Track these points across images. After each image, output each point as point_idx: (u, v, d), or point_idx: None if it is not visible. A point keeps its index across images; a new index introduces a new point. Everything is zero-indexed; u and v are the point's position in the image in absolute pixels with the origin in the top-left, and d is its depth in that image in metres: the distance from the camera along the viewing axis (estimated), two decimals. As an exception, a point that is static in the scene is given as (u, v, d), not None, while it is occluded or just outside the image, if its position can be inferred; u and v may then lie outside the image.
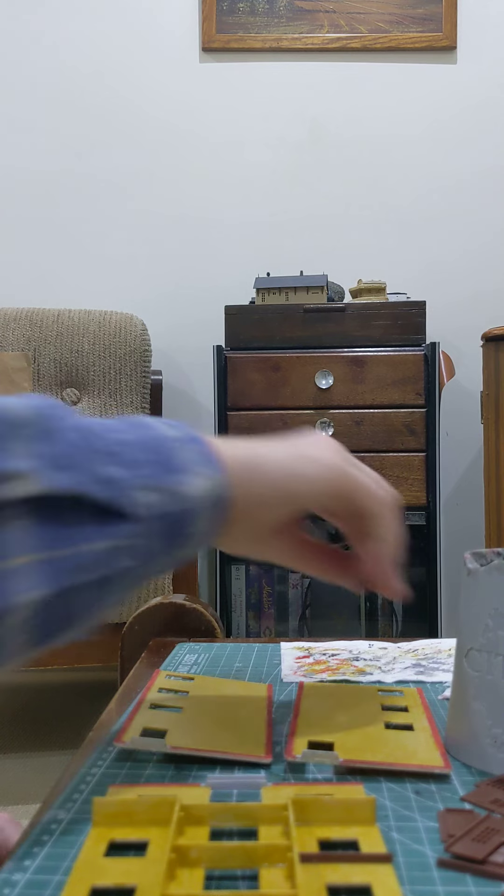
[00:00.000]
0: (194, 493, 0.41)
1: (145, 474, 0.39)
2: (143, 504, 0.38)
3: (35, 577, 0.34)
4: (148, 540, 0.39)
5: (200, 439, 0.43)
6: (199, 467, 0.41)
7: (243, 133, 2.36)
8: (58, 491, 0.35)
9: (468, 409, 2.20)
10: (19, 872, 0.33)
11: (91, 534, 0.36)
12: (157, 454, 0.40)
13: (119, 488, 0.37)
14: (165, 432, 0.42)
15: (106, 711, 0.53)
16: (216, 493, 0.42)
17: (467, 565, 0.45)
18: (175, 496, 0.40)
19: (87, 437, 0.38)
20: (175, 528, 0.40)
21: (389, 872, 0.31)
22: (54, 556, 0.35)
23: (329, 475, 0.46)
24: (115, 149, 2.35)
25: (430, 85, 2.35)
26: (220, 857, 0.32)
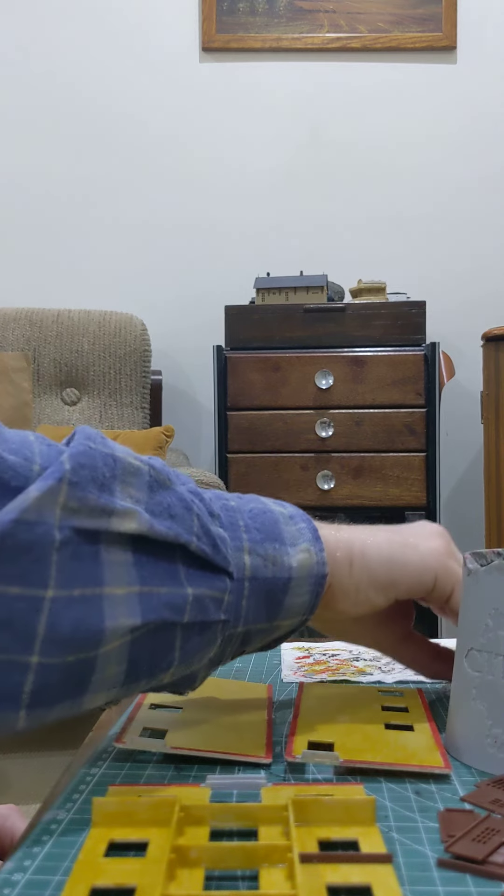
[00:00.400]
0: (293, 564, 0.42)
1: (247, 538, 0.41)
2: (240, 564, 0.40)
3: (130, 607, 0.36)
4: (242, 599, 0.40)
5: (307, 517, 0.45)
6: (300, 541, 0.43)
7: (243, 133, 2.36)
8: (159, 535, 0.37)
9: (468, 409, 2.20)
10: (19, 872, 0.33)
11: (186, 579, 0.38)
12: (262, 523, 0.42)
13: (218, 544, 0.40)
14: (273, 507, 0.44)
15: (106, 711, 0.53)
16: (315, 568, 0.43)
17: (467, 565, 0.45)
18: (274, 563, 0.41)
19: (196, 497, 0.40)
20: (270, 595, 0.42)
21: (389, 873, 0.31)
22: (150, 591, 0.37)
23: (429, 567, 0.46)
24: (114, 148, 2.35)
25: (429, 85, 2.35)
26: (220, 857, 0.32)
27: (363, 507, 1.90)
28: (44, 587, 0.34)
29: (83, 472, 0.36)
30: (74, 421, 2.12)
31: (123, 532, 0.36)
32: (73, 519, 0.35)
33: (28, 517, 0.34)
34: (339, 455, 1.92)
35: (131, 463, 0.38)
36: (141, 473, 0.39)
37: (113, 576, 0.36)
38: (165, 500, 0.39)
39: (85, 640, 0.35)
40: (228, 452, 1.94)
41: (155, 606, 0.37)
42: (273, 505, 0.44)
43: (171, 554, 0.38)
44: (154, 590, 0.37)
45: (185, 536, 0.38)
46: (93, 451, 0.37)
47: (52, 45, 2.33)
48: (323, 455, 1.92)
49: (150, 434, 1.95)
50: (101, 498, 0.36)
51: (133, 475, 0.38)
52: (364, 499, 1.89)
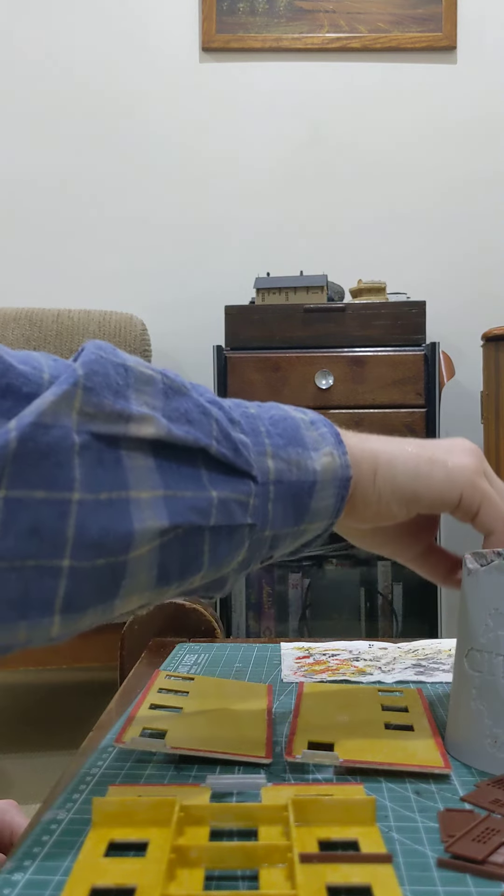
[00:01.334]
0: (317, 468, 0.42)
1: (269, 443, 0.41)
2: (264, 468, 0.40)
3: (157, 509, 0.36)
4: (268, 503, 0.40)
5: (329, 423, 0.45)
6: (323, 446, 0.43)
7: (243, 132, 2.36)
8: (180, 439, 0.37)
9: (468, 409, 2.19)
10: (19, 872, 0.33)
11: (209, 482, 0.38)
12: (284, 429, 0.42)
13: (240, 448, 0.39)
14: (293, 413, 0.44)
15: (106, 711, 0.53)
16: (339, 471, 0.43)
17: (467, 565, 0.45)
18: (298, 467, 0.41)
19: (214, 404, 0.40)
20: (297, 498, 0.41)
21: (389, 872, 0.31)
22: (174, 495, 0.37)
23: (455, 484, 0.45)
24: (115, 148, 2.35)
25: (429, 85, 2.35)
26: (220, 857, 0.32)
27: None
28: (69, 490, 0.34)
29: (97, 379, 0.36)
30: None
31: (142, 437, 0.36)
32: (90, 424, 0.35)
33: (45, 420, 0.33)
34: (339, 455, 1.92)
35: (143, 371, 0.38)
36: (154, 381, 0.38)
37: (137, 480, 0.36)
38: (182, 405, 0.39)
39: (115, 544, 0.35)
40: (228, 452, 1.94)
41: (181, 510, 0.37)
42: (293, 411, 0.44)
43: (192, 458, 0.38)
44: (178, 493, 0.37)
45: (204, 440, 0.38)
46: (104, 360, 0.37)
47: (52, 45, 2.33)
48: (323, 455, 1.92)
49: (150, 434, 1.95)
50: (116, 403, 0.36)
51: (146, 383, 0.38)
52: (364, 499, 1.89)
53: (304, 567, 2.12)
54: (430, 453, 0.46)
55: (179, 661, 0.64)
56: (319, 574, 2.14)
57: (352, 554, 2.13)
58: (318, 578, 2.14)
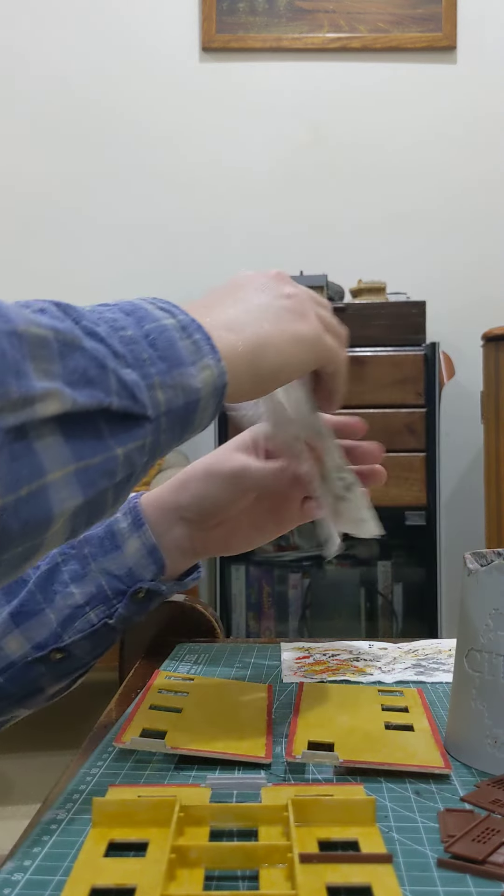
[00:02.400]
0: (198, 385, 0.42)
1: (155, 372, 0.40)
2: (155, 402, 0.40)
3: (71, 487, 0.36)
4: (161, 435, 0.41)
5: (198, 324, 0.44)
6: (200, 358, 0.43)
7: (243, 132, 2.36)
8: (82, 406, 0.37)
9: (468, 409, 2.19)
10: (19, 872, 0.33)
11: (114, 441, 0.38)
12: (163, 348, 0.41)
13: (134, 393, 0.39)
14: (165, 320, 0.43)
15: (106, 711, 0.53)
16: (217, 381, 0.43)
17: (467, 565, 0.45)
18: (182, 389, 0.41)
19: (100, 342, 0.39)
20: (184, 420, 0.42)
21: (389, 873, 0.31)
22: (86, 466, 0.37)
23: (314, 354, 0.51)
24: (114, 148, 2.35)
25: (429, 85, 2.35)
26: (220, 857, 0.32)
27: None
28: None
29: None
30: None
31: (49, 416, 0.36)
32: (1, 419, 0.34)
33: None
34: (339, 455, 1.92)
35: (36, 334, 0.36)
36: (48, 343, 0.37)
37: (50, 462, 0.36)
38: (79, 364, 0.37)
39: (34, 531, 0.35)
40: (228, 452, 1.93)
41: (93, 478, 0.37)
42: (164, 317, 0.43)
43: (95, 420, 0.38)
44: (89, 462, 0.37)
45: (105, 400, 0.38)
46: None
47: (52, 46, 2.33)
48: (323, 455, 1.92)
49: (150, 434, 1.95)
50: (20, 386, 0.35)
51: (42, 347, 0.36)
52: (364, 499, 1.89)
53: (304, 567, 2.12)
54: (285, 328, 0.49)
55: (179, 661, 0.64)
56: (319, 574, 2.14)
57: (352, 554, 2.13)
58: (318, 578, 2.14)
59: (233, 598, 2.08)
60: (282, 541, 2.13)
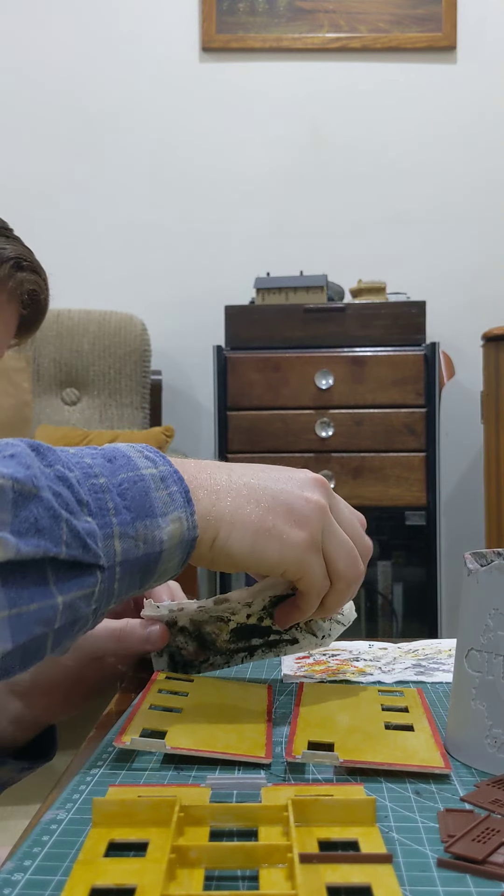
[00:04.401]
0: (164, 537, 0.42)
1: (116, 522, 0.40)
2: (111, 552, 0.40)
3: (2, 632, 0.36)
4: (114, 584, 0.41)
5: (179, 478, 0.44)
6: (172, 510, 0.43)
7: (243, 133, 2.36)
8: (27, 555, 0.37)
9: (468, 409, 2.19)
10: (19, 872, 0.33)
11: (57, 589, 0.38)
12: (132, 498, 0.41)
13: (86, 542, 0.39)
14: (144, 470, 0.43)
15: (106, 711, 0.53)
16: (186, 535, 0.43)
17: (467, 565, 0.45)
18: (145, 541, 0.41)
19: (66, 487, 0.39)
20: (144, 569, 0.42)
21: (389, 872, 0.31)
22: (19, 612, 0.36)
23: (284, 562, 0.47)
24: (115, 149, 2.35)
25: (429, 85, 2.35)
26: (220, 857, 0.32)
27: (363, 507, 1.89)
28: None
29: None
30: (74, 421, 2.12)
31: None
32: None
33: None
34: (339, 455, 1.92)
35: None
36: (4, 492, 0.37)
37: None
38: (31, 513, 0.38)
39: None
40: (228, 452, 1.94)
41: (25, 626, 0.37)
42: (144, 466, 0.43)
43: (40, 567, 0.38)
44: (24, 609, 0.37)
45: (53, 550, 0.38)
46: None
47: (52, 46, 2.33)
48: (323, 455, 1.92)
49: (150, 434, 1.95)
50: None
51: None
52: (364, 499, 1.89)
53: (304, 567, 2.12)
54: (271, 522, 0.47)
55: (179, 661, 0.64)
56: (319, 574, 2.14)
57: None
58: (318, 578, 2.14)
59: (233, 598, 2.08)
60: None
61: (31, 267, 0.77)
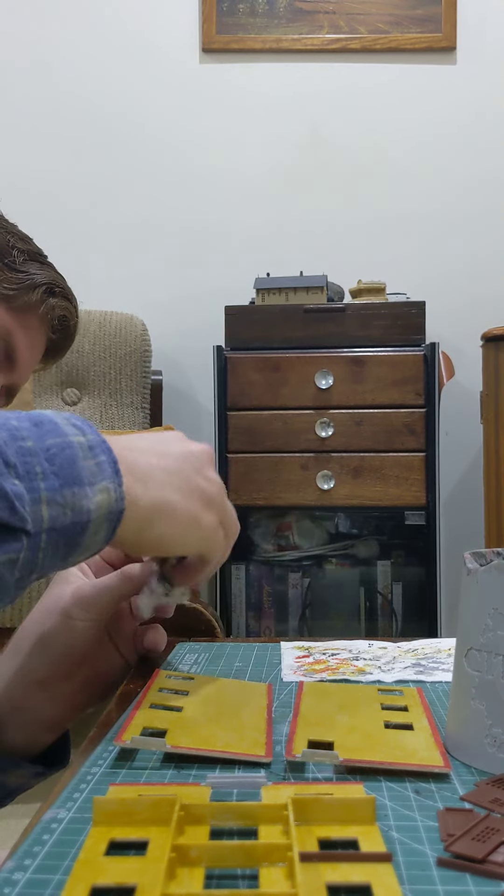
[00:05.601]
0: (91, 507, 0.41)
1: (44, 487, 0.39)
2: (38, 518, 0.39)
3: None
4: (38, 552, 0.39)
5: (108, 447, 0.43)
6: (100, 479, 0.42)
7: (243, 133, 2.36)
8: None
9: (468, 409, 2.19)
10: (20, 871, 0.33)
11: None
12: (60, 465, 0.40)
13: (15, 505, 0.38)
14: (72, 437, 0.42)
15: (106, 711, 0.53)
16: (113, 506, 0.42)
17: (467, 565, 0.45)
18: (72, 509, 0.40)
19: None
20: (70, 540, 0.41)
21: (389, 872, 0.31)
22: None
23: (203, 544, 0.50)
24: (115, 149, 2.35)
25: (429, 86, 2.35)
26: (220, 856, 0.32)
27: (363, 507, 1.90)
28: None
29: None
30: (74, 421, 2.11)
31: None
32: None
33: None
34: (338, 455, 1.92)
35: None
36: None
37: None
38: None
39: None
40: (228, 452, 1.94)
41: None
42: (72, 433, 0.42)
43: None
44: None
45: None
46: None
47: (52, 46, 2.33)
48: (323, 455, 1.92)
49: (150, 434, 1.95)
50: None
51: None
52: (364, 499, 1.89)
53: (304, 567, 2.12)
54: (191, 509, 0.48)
55: (179, 660, 0.65)
56: (319, 574, 2.14)
57: (352, 554, 2.13)
58: (318, 578, 2.14)
59: (233, 597, 2.08)
60: (282, 540, 2.13)
61: (62, 293, 0.78)
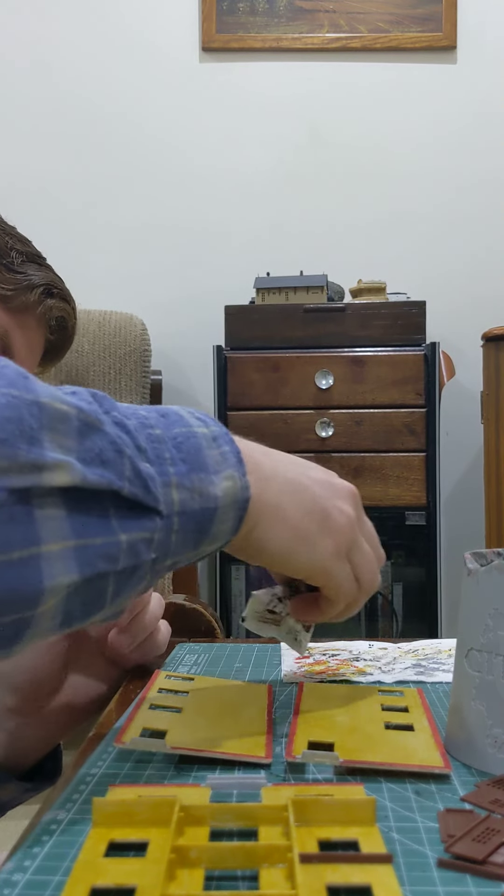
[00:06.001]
0: (218, 493, 0.42)
1: (173, 472, 0.40)
2: (169, 500, 0.40)
3: (67, 562, 0.35)
4: (171, 535, 0.40)
5: (230, 438, 0.44)
6: (224, 468, 0.43)
7: (243, 132, 2.36)
8: (91, 484, 0.36)
9: (468, 409, 2.19)
10: (19, 872, 0.33)
11: (119, 526, 0.38)
12: (187, 452, 0.41)
13: (149, 485, 0.39)
14: (196, 428, 0.43)
15: (106, 711, 0.53)
16: (239, 494, 0.43)
17: (467, 565, 0.45)
18: (200, 494, 0.41)
19: (124, 433, 0.39)
20: (199, 526, 0.41)
21: (389, 873, 0.31)
22: (85, 544, 0.36)
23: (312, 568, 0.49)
24: (114, 148, 2.35)
25: (429, 85, 2.35)
26: (220, 857, 0.32)
27: (363, 506, 1.90)
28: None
29: (9, 427, 0.34)
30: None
31: (55, 486, 0.35)
32: (4, 479, 0.33)
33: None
34: (339, 455, 1.92)
35: (58, 409, 0.37)
36: (69, 419, 0.37)
37: (48, 532, 0.35)
38: (97, 444, 0.37)
39: (23, 602, 0.34)
40: (228, 452, 1.93)
41: (91, 559, 0.36)
42: (196, 425, 0.43)
43: (102, 501, 0.37)
44: (89, 541, 0.36)
45: (117, 483, 0.37)
46: (16, 402, 0.35)
47: (52, 46, 2.33)
48: (323, 455, 1.92)
49: (150, 434, 1.95)
50: (30, 452, 0.34)
51: (61, 421, 0.37)
52: (364, 499, 1.86)
53: (304, 567, 2.12)
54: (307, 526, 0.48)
55: (179, 661, 0.64)
56: (319, 574, 2.14)
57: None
58: (318, 578, 2.14)
59: (233, 598, 2.08)
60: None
61: (60, 294, 0.78)
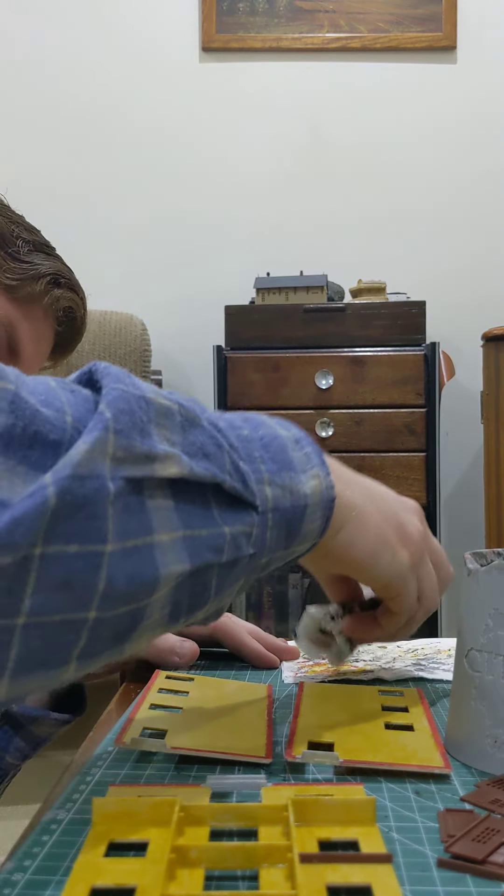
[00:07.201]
0: (307, 491, 0.43)
1: (265, 469, 0.41)
2: (264, 497, 0.40)
3: (179, 552, 0.36)
4: (266, 531, 0.41)
5: (310, 440, 0.45)
6: (309, 467, 0.44)
7: (243, 132, 2.36)
8: (198, 476, 0.37)
9: (468, 409, 2.19)
10: (19, 872, 0.33)
11: (221, 518, 0.38)
12: (274, 452, 0.43)
13: (247, 480, 0.40)
14: (280, 431, 0.44)
15: (106, 711, 0.53)
16: (324, 493, 0.44)
17: (467, 565, 0.45)
18: (290, 492, 0.42)
19: (217, 431, 0.40)
20: (290, 524, 0.42)
21: (389, 872, 0.31)
22: (193, 535, 0.37)
23: (390, 575, 0.49)
24: (114, 148, 2.35)
25: (429, 85, 2.35)
26: (220, 857, 0.32)
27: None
28: (102, 542, 0.33)
29: (124, 419, 0.35)
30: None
31: (165, 477, 0.36)
32: (121, 469, 0.34)
33: (81, 472, 0.32)
34: (339, 455, 1.91)
35: (163, 403, 0.38)
36: (172, 413, 0.38)
37: (160, 522, 0.35)
38: (198, 439, 0.39)
39: (140, 590, 0.34)
40: (228, 452, 1.94)
41: (199, 549, 0.37)
42: (279, 429, 0.45)
43: (205, 494, 0.38)
44: (196, 532, 0.37)
45: (220, 475, 0.38)
46: (127, 395, 0.36)
47: (52, 46, 2.33)
48: (323, 455, 1.92)
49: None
50: (143, 444, 0.35)
51: (166, 416, 0.38)
52: (364, 499, 1.89)
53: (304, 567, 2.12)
54: (387, 531, 0.48)
55: (179, 661, 0.64)
56: (319, 574, 2.14)
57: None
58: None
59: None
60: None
61: (68, 284, 0.77)
